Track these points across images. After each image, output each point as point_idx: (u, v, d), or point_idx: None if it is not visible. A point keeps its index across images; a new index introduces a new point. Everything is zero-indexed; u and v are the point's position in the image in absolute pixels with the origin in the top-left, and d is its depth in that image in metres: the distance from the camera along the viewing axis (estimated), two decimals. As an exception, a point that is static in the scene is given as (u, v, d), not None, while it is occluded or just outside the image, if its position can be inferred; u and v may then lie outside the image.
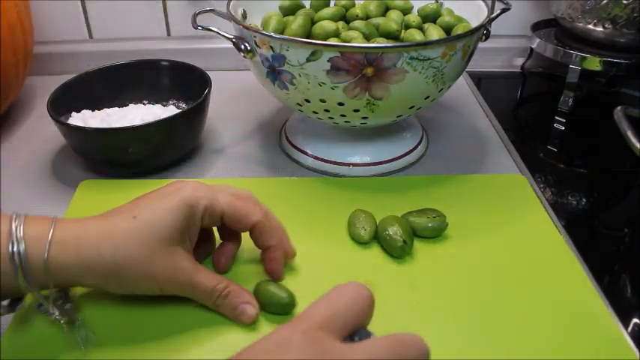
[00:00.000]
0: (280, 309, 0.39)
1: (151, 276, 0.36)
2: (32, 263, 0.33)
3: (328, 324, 0.27)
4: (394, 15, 0.57)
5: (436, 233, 0.47)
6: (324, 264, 0.45)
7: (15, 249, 0.33)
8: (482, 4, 0.55)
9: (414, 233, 0.46)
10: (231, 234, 0.43)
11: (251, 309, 0.38)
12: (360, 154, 0.57)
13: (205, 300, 0.39)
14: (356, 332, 0.28)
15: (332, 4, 0.59)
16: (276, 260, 0.41)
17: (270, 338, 0.26)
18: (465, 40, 0.48)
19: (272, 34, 0.48)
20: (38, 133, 0.64)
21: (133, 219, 0.36)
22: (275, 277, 0.42)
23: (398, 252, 0.44)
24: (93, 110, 0.59)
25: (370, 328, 0.33)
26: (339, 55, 0.45)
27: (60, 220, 0.36)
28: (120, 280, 0.36)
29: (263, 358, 0.25)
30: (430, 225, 0.46)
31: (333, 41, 0.52)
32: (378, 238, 0.46)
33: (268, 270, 0.42)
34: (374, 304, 0.29)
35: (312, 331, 0.26)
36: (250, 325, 0.38)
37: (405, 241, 0.44)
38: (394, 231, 0.44)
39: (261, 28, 0.55)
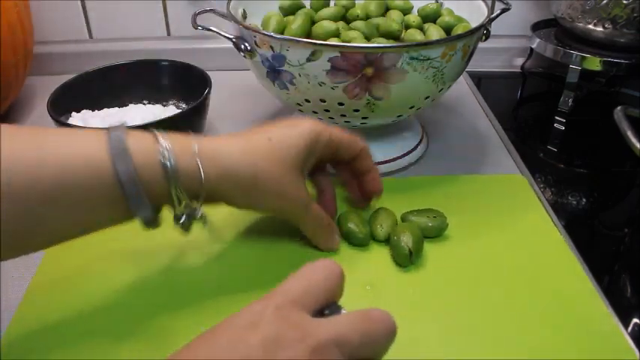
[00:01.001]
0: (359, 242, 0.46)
1: (281, 192, 0.40)
2: (182, 174, 0.36)
3: (299, 299, 0.28)
4: (394, 15, 0.57)
5: (436, 233, 0.47)
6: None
7: (166, 162, 0.35)
8: (483, 4, 0.55)
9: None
10: (324, 178, 0.48)
11: (338, 243, 0.45)
12: (360, 154, 0.57)
13: (310, 222, 0.43)
14: (326, 307, 0.29)
15: (332, 4, 0.59)
16: (376, 179, 0.47)
17: (243, 313, 0.27)
18: (465, 40, 0.48)
19: (272, 34, 0.48)
20: (38, 133, 0.64)
21: (268, 140, 0.40)
22: (379, 194, 0.48)
23: (402, 260, 0.44)
24: (93, 110, 0.59)
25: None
26: (339, 55, 0.45)
27: (200, 137, 0.39)
28: (254, 193, 0.40)
29: (236, 332, 0.26)
30: (430, 225, 0.46)
31: (333, 41, 0.52)
32: (389, 240, 0.46)
33: (371, 189, 0.47)
34: (344, 280, 0.31)
35: (284, 306, 0.27)
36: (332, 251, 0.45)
37: (410, 252, 0.44)
38: (404, 239, 0.44)
39: (261, 28, 0.55)
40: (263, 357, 0.25)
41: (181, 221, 0.38)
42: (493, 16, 0.54)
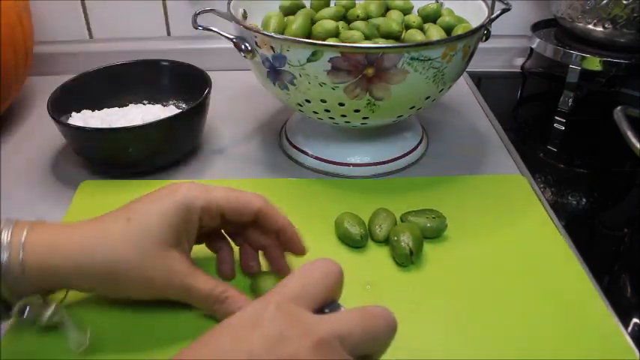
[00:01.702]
0: None
1: (145, 278, 0.36)
2: (10, 269, 0.33)
3: (300, 297, 0.28)
4: (395, 15, 0.57)
5: (435, 234, 0.47)
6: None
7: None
8: (483, 4, 0.55)
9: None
10: (237, 232, 0.42)
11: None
12: (360, 155, 0.57)
13: (201, 305, 0.38)
14: (326, 305, 0.29)
15: (332, 4, 0.59)
16: (294, 238, 0.40)
17: (245, 312, 0.27)
18: (465, 41, 0.48)
19: (272, 34, 0.48)
20: (38, 133, 0.64)
21: (127, 221, 0.35)
22: (301, 253, 0.40)
23: (402, 259, 0.44)
24: (93, 110, 0.59)
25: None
26: (339, 55, 0.45)
27: (46, 224, 0.36)
28: (114, 284, 0.36)
29: (238, 331, 0.26)
30: (429, 225, 0.46)
31: (333, 41, 0.52)
32: (388, 240, 0.46)
33: (291, 250, 0.40)
34: (343, 278, 0.31)
35: (284, 304, 0.27)
36: None
37: (411, 251, 0.44)
38: (404, 239, 0.44)
39: (261, 28, 0.55)
40: (265, 355, 0.25)
41: (24, 316, 0.35)
42: (493, 16, 0.54)
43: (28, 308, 0.34)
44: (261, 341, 0.25)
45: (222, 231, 0.42)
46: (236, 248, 0.43)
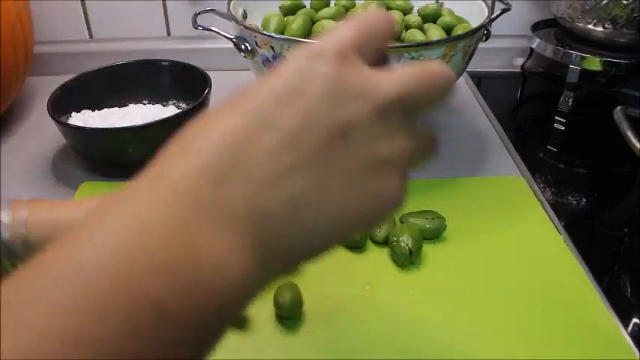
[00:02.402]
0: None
1: None
2: (15, 247, 0.32)
3: (361, 43, 0.23)
4: (395, 15, 0.57)
5: (435, 235, 0.47)
6: (325, 263, 0.44)
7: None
8: (483, 4, 0.55)
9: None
10: None
11: None
12: (360, 154, 0.56)
13: None
14: (379, 59, 0.25)
15: (332, 4, 0.59)
16: None
17: (296, 56, 0.22)
18: (465, 41, 0.48)
19: (273, 34, 0.48)
20: (38, 133, 0.64)
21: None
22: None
23: (401, 260, 0.44)
24: (93, 110, 0.59)
25: (369, 325, 0.33)
26: (339, 55, 0.45)
27: (47, 201, 0.35)
28: None
29: (293, 77, 0.21)
30: (428, 226, 0.46)
31: (333, 41, 0.52)
32: (387, 241, 0.46)
33: None
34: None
35: (346, 50, 0.22)
36: None
37: (410, 252, 0.44)
38: (403, 239, 0.44)
39: (261, 28, 0.55)
40: (324, 111, 0.21)
41: None
42: (493, 16, 0.54)
43: None
44: (319, 91, 0.21)
45: None
46: None
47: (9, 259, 0.32)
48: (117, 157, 0.54)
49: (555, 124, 0.71)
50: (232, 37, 0.51)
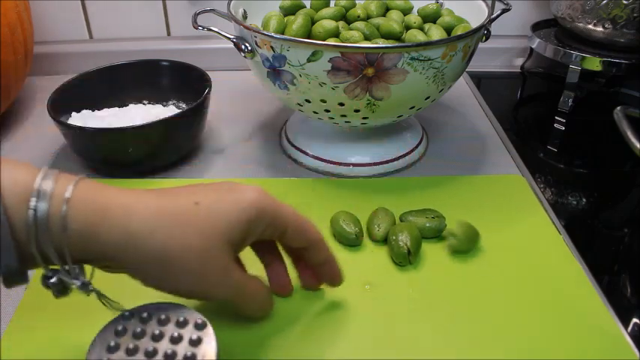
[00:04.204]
0: None
1: (201, 272, 0.32)
2: (50, 223, 0.28)
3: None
4: (395, 15, 0.57)
5: (435, 234, 0.47)
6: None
7: (35, 205, 0.28)
8: (483, 4, 0.55)
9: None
10: (269, 252, 0.40)
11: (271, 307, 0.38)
12: (360, 154, 0.57)
13: (248, 308, 0.37)
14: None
15: (332, 4, 0.59)
16: (334, 271, 0.39)
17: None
18: (465, 41, 0.48)
19: (272, 34, 0.48)
20: (38, 133, 0.64)
21: (195, 205, 0.32)
22: (338, 284, 0.40)
23: (399, 259, 0.44)
24: (93, 110, 0.59)
25: (369, 326, 0.33)
26: (339, 55, 0.45)
27: (96, 182, 0.31)
28: (163, 272, 0.31)
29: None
30: (428, 225, 0.47)
31: (333, 41, 0.52)
32: (386, 240, 0.46)
33: (326, 281, 0.40)
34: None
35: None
36: None
37: (409, 251, 0.44)
38: (402, 238, 0.44)
39: (261, 28, 0.55)
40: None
41: (51, 282, 0.30)
42: (493, 16, 0.54)
43: (57, 275, 0.30)
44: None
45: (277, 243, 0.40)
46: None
47: (40, 233, 0.28)
48: (117, 157, 0.54)
49: (555, 124, 0.71)
50: (232, 37, 0.51)
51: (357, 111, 0.50)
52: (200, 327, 0.33)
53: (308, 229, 0.37)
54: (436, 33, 0.54)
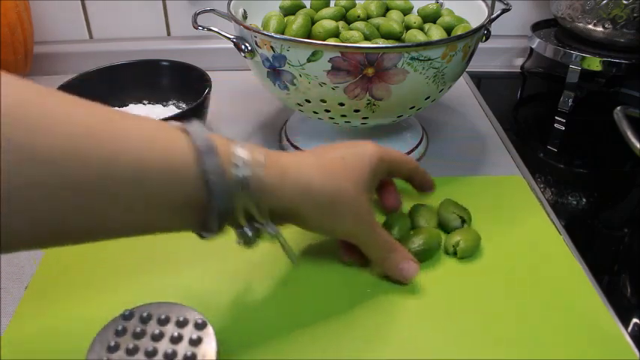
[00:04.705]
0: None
1: (356, 212, 0.39)
2: (254, 187, 0.33)
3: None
4: (395, 15, 0.57)
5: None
6: (325, 264, 0.45)
7: (240, 169, 0.33)
8: (483, 4, 0.55)
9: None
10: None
11: (414, 268, 0.42)
12: (360, 154, 0.56)
13: (377, 251, 0.42)
14: None
15: (332, 4, 0.59)
16: (427, 177, 0.48)
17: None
18: (465, 41, 0.48)
19: (272, 34, 0.48)
20: (38, 133, 0.64)
21: (342, 160, 0.39)
22: (432, 190, 0.49)
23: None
24: (93, 110, 0.59)
25: (369, 327, 0.33)
26: (339, 55, 0.45)
27: (270, 150, 0.37)
28: (332, 215, 0.38)
29: None
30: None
31: (333, 41, 0.52)
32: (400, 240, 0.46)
33: (424, 189, 0.49)
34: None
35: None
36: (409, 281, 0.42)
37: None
38: (418, 242, 0.44)
39: (261, 28, 0.55)
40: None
41: (249, 235, 0.35)
42: (493, 16, 0.54)
43: (253, 223, 0.35)
44: None
45: None
46: None
47: (243, 198, 0.33)
48: (117, 157, 0.54)
49: (555, 124, 0.71)
50: (232, 37, 0.51)
51: (357, 111, 0.50)
52: (200, 327, 0.33)
53: (409, 161, 0.46)
54: (436, 33, 0.54)
